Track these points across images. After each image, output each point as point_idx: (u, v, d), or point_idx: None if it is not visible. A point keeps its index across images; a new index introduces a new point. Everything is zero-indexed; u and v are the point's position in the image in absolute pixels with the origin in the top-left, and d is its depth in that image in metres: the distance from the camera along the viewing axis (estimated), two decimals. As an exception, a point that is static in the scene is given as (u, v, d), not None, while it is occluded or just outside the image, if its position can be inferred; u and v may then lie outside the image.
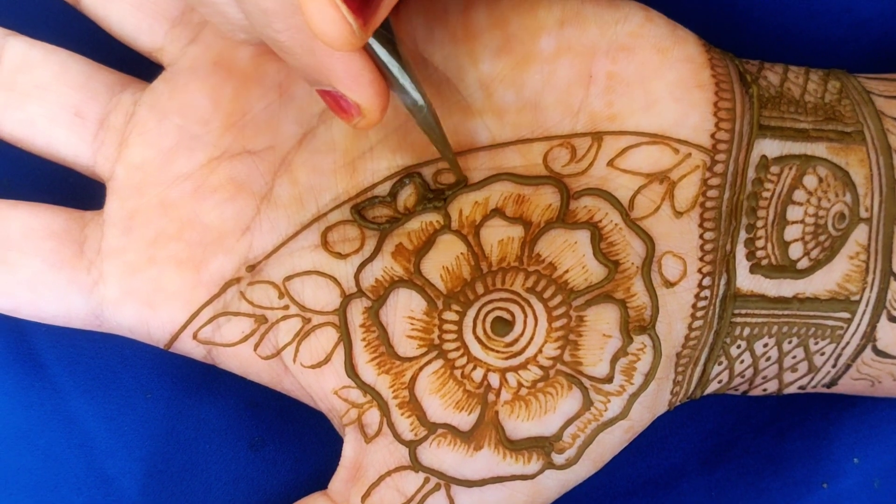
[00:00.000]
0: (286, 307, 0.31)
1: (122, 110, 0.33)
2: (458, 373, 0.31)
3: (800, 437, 0.39)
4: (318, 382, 0.31)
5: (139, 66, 0.34)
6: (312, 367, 0.31)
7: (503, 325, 0.30)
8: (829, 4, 0.36)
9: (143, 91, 0.33)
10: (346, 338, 0.31)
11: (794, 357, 0.32)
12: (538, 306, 0.30)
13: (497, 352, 0.31)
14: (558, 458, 0.31)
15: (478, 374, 0.30)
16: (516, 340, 0.30)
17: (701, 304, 0.31)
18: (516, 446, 0.30)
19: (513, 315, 0.30)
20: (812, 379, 0.33)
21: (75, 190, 0.34)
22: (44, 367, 0.35)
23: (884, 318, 0.32)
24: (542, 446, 0.30)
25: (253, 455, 0.36)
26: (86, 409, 0.35)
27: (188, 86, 0.33)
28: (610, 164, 0.31)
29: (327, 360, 0.31)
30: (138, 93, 0.33)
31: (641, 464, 0.38)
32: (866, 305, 0.32)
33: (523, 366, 0.30)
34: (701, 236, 0.31)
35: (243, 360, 0.32)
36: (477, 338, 0.31)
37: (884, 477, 0.39)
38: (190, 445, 0.36)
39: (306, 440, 0.36)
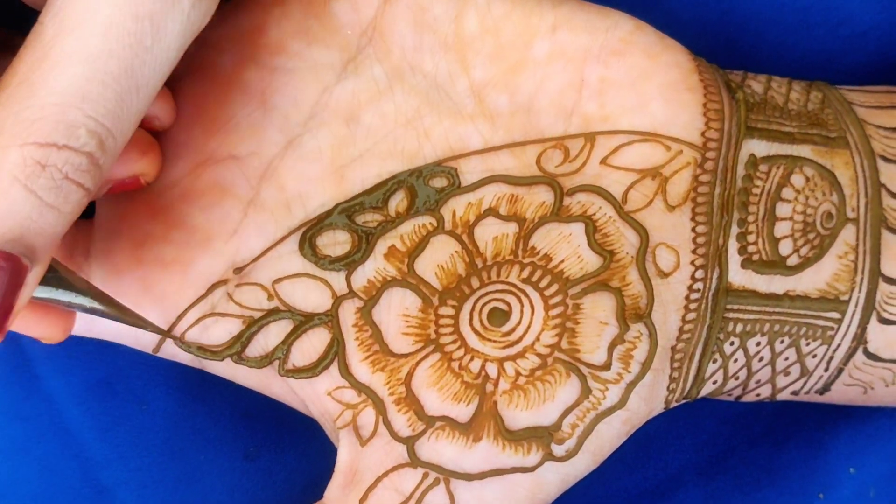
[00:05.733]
0: (276, 310, 0.31)
1: None
2: (455, 365, 0.31)
3: (796, 447, 0.39)
4: (311, 384, 0.31)
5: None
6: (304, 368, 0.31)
7: (500, 316, 0.31)
8: (826, 16, 0.36)
9: None
10: (339, 337, 0.31)
11: (786, 359, 0.32)
12: (534, 295, 0.31)
13: (494, 342, 0.31)
14: (558, 450, 0.30)
15: (475, 365, 0.31)
16: (513, 330, 0.31)
17: (694, 296, 0.31)
18: (515, 437, 0.30)
19: (509, 305, 0.31)
20: (805, 384, 0.33)
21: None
22: (39, 378, 0.35)
23: (874, 320, 0.32)
24: (541, 437, 0.30)
25: (248, 465, 0.36)
26: (81, 420, 0.35)
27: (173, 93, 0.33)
28: (603, 161, 0.31)
29: (320, 360, 0.31)
30: None
31: (638, 474, 0.38)
32: (856, 306, 0.32)
33: (521, 354, 0.30)
34: (693, 230, 0.31)
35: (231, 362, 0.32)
36: (474, 329, 0.31)
37: (879, 486, 0.39)
38: (185, 456, 0.35)
39: (302, 450, 0.36)
